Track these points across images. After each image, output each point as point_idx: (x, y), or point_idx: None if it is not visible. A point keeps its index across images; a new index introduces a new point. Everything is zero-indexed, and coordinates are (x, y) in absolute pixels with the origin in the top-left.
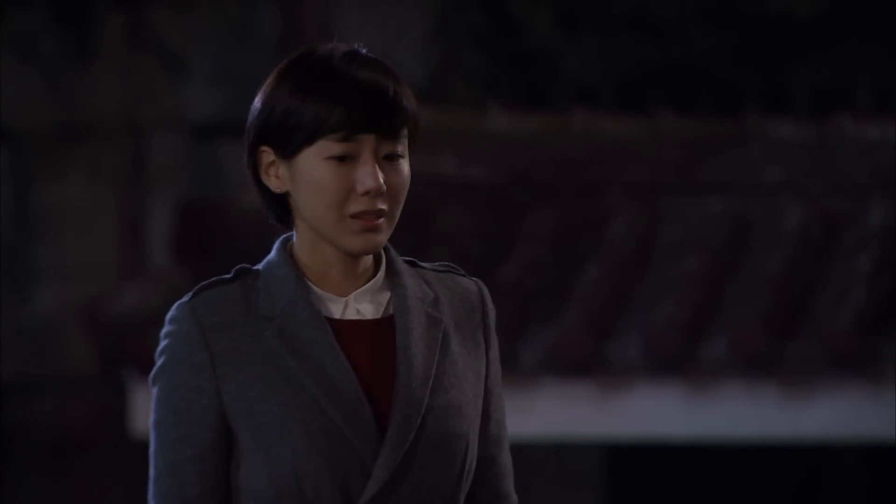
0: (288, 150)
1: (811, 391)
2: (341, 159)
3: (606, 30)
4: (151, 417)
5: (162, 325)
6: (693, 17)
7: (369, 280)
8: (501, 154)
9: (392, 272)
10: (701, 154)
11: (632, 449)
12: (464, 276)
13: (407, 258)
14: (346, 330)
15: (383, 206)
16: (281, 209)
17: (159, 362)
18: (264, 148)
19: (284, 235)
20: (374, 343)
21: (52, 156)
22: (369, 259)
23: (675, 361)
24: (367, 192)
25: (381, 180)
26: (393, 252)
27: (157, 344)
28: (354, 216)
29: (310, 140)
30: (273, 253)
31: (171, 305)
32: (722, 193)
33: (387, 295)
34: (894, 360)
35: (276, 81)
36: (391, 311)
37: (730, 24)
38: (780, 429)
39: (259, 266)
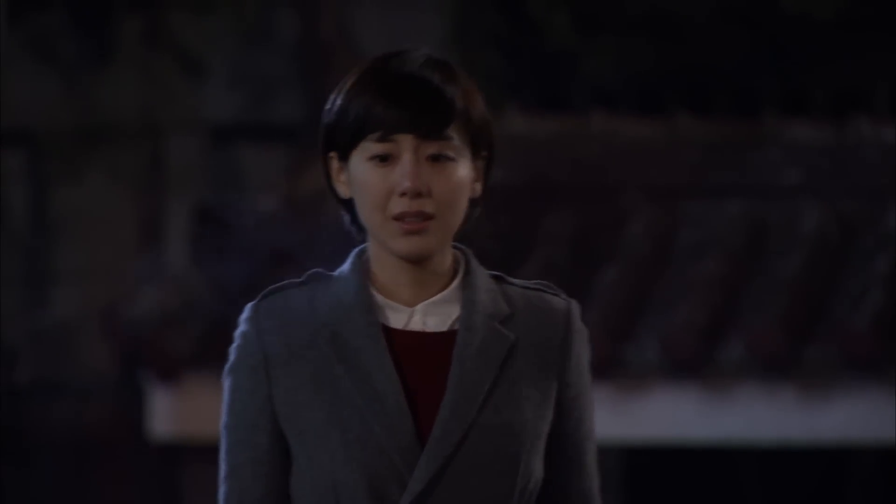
0: (343, 153)
1: (829, 394)
2: (383, 159)
3: (624, 32)
4: (222, 419)
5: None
6: (711, 19)
7: (441, 291)
8: (520, 156)
9: (467, 285)
10: (719, 156)
11: (650, 451)
12: (556, 295)
13: (495, 273)
14: (405, 341)
15: (426, 209)
16: (354, 217)
17: (228, 362)
18: (332, 154)
19: (364, 244)
20: (432, 356)
21: (71, 158)
22: (442, 268)
23: (693, 364)
24: (403, 193)
25: (418, 181)
26: (474, 264)
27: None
28: (397, 218)
29: (354, 141)
30: (347, 260)
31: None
32: (740, 196)
33: (457, 308)
34: None
35: (340, 85)
36: (458, 326)
37: (748, 27)
38: (799, 431)
39: (334, 272)
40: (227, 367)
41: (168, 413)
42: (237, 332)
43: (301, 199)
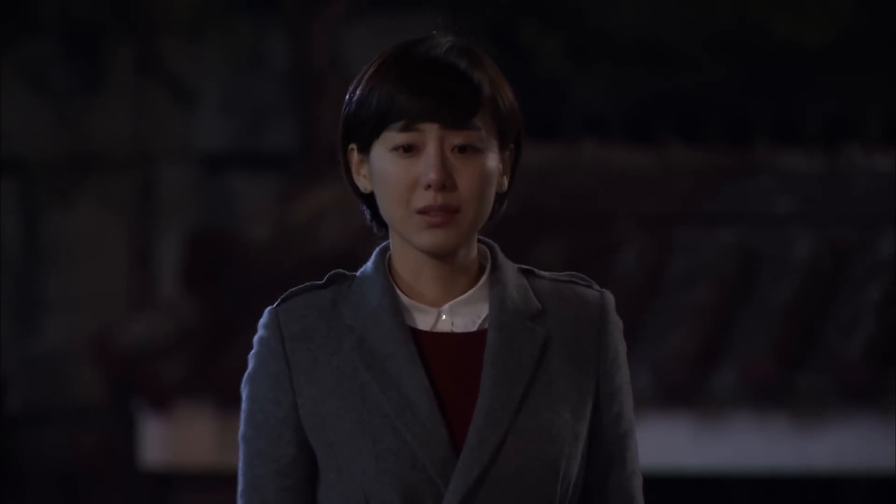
0: (363, 144)
1: (822, 422)
2: (407, 150)
3: (616, 60)
4: (240, 429)
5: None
6: (703, 47)
7: (468, 289)
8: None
9: (495, 281)
10: (711, 184)
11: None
12: (588, 286)
13: (524, 266)
14: (433, 344)
15: (451, 202)
16: (375, 213)
17: (247, 369)
18: (352, 146)
19: (386, 242)
20: (462, 359)
21: (63, 186)
22: (467, 263)
23: (685, 392)
24: (428, 186)
25: (444, 173)
26: (501, 259)
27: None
28: (420, 211)
29: (376, 131)
30: (370, 259)
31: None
32: (732, 224)
33: (485, 306)
34: None
35: (360, 74)
36: (487, 325)
37: (739, 55)
38: (791, 460)
39: (357, 272)
40: (247, 373)
41: (159, 441)
42: (256, 338)
43: (293, 227)
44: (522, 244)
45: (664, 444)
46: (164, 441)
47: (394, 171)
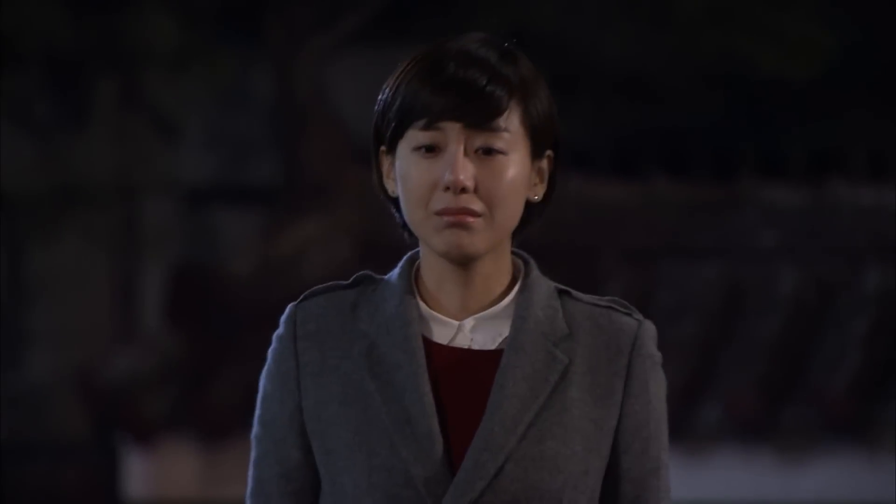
0: (390, 145)
1: (807, 455)
2: (429, 150)
3: (601, 94)
4: (253, 428)
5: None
6: (688, 82)
7: (495, 303)
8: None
9: (522, 299)
10: (695, 218)
11: None
12: (626, 314)
13: (561, 286)
14: (448, 358)
15: (473, 206)
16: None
17: (265, 365)
18: (382, 147)
19: (416, 249)
20: (475, 377)
21: (46, 220)
22: (495, 274)
23: (671, 426)
24: (447, 188)
25: (464, 175)
26: (534, 275)
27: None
28: (439, 213)
29: (400, 130)
30: (398, 264)
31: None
32: (717, 258)
33: (509, 324)
34: (890, 424)
35: (393, 73)
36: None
37: (725, 89)
38: (777, 493)
39: (385, 276)
40: (263, 371)
41: (142, 475)
42: (275, 334)
43: (277, 261)
44: None
45: None
46: (147, 475)
47: (415, 171)
